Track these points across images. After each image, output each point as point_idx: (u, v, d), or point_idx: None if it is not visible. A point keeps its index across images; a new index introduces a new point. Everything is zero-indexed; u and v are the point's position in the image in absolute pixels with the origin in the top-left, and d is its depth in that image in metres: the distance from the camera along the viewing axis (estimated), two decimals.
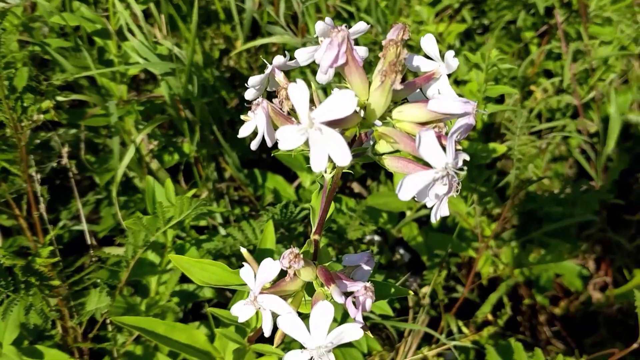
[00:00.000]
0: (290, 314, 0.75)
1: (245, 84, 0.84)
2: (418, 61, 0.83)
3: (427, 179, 0.70)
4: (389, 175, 2.31)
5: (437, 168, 0.69)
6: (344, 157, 0.65)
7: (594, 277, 2.49)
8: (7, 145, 1.54)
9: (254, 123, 0.77)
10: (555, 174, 2.72)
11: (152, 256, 1.67)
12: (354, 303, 0.80)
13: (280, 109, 0.79)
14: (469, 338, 2.00)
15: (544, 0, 2.39)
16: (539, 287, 2.38)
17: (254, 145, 0.76)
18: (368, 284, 0.79)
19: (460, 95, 0.80)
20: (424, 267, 2.17)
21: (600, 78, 2.49)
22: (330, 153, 0.66)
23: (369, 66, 2.47)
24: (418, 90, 0.85)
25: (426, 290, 2.07)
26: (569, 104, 2.53)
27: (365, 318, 1.74)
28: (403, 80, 0.81)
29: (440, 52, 2.21)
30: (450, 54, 0.79)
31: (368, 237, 2.20)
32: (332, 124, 0.68)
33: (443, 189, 0.74)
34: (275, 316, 0.79)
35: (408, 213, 2.12)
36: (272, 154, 0.73)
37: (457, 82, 2.55)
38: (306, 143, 0.68)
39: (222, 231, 1.95)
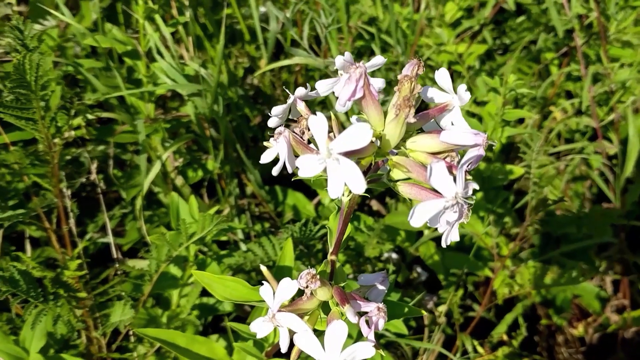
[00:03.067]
0: (307, 332, 0.79)
1: (268, 109, 0.89)
2: (432, 93, 0.87)
3: (438, 207, 0.74)
4: None
5: (448, 197, 0.73)
6: (359, 186, 0.70)
7: (612, 300, 2.49)
8: (39, 161, 1.61)
9: (275, 150, 0.82)
10: (575, 194, 2.73)
11: (174, 270, 1.72)
12: (367, 322, 0.84)
13: (301, 137, 0.83)
14: (484, 358, 2.02)
15: (564, 24, 2.42)
16: (556, 307, 2.39)
17: (275, 171, 0.81)
18: (381, 305, 0.83)
19: (479, 118, 0.84)
20: (441, 286, 2.19)
21: (620, 100, 2.50)
22: (346, 181, 0.71)
23: (389, 86, 2.52)
24: (433, 120, 0.89)
25: (442, 308, 2.09)
26: (588, 125, 2.54)
27: (380, 336, 1.77)
28: (419, 110, 0.85)
29: (460, 73, 2.23)
30: (462, 87, 0.83)
31: (386, 255, 2.23)
32: (348, 154, 0.72)
33: (453, 216, 0.78)
34: (292, 333, 0.83)
35: (426, 232, 2.15)
36: (292, 179, 0.77)
37: (477, 102, 2.58)
38: (325, 169, 0.73)
39: (243, 246, 2.00)
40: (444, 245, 0.82)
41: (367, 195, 0.90)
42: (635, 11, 2.41)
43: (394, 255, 2.26)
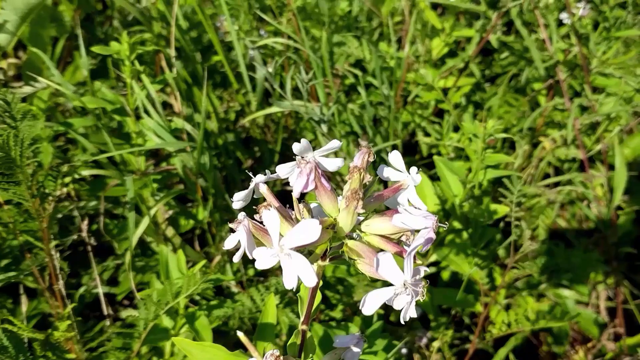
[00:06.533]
0: None
1: (260, 151, 0.93)
2: (388, 172, 0.92)
3: (388, 295, 0.77)
4: None
5: (397, 285, 0.77)
6: (310, 281, 0.74)
7: (608, 327, 2.51)
8: (31, 219, 1.66)
9: (237, 238, 0.86)
10: (572, 216, 2.76)
11: (166, 321, 1.76)
12: None
13: (261, 224, 0.87)
14: None
15: (546, 60, 2.46)
16: (554, 335, 2.40)
17: (236, 258, 0.85)
18: None
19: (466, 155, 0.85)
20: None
21: (607, 129, 2.53)
22: (298, 274, 0.75)
23: (377, 125, 2.56)
24: (392, 197, 0.93)
25: (437, 344, 2.11)
26: (575, 157, 2.58)
27: None
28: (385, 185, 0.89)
29: (447, 111, 2.26)
30: (414, 170, 0.88)
31: None
32: (301, 246, 0.76)
33: (407, 298, 0.81)
34: None
35: None
36: (256, 268, 0.81)
37: (470, 139, 2.61)
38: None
39: (236, 290, 2.04)
40: (402, 322, 0.86)
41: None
42: (618, 41, 2.45)
43: None
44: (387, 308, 2.23)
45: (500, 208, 1.96)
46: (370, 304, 0.77)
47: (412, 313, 0.86)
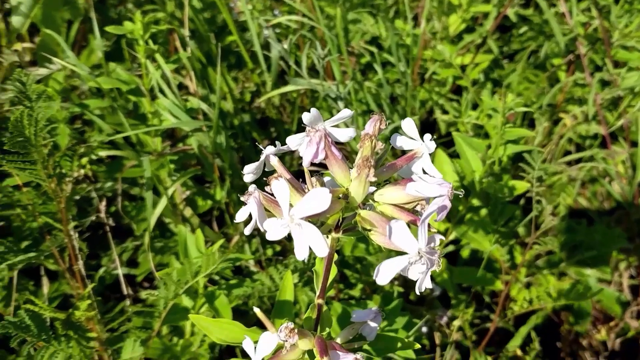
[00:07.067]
0: None
1: (276, 131, 0.92)
2: (401, 141, 0.90)
3: (402, 264, 0.76)
4: None
5: (411, 254, 0.75)
6: (322, 250, 0.72)
7: (631, 305, 2.47)
8: (49, 200, 1.67)
9: (248, 210, 0.85)
10: (593, 195, 2.71)
11: (186, 301, 1.77)
12: None
13: (272, 196, 0.86)
14: None
15: (566, 33, 2.40)
16: (575, 313, 2.37)
17: (247, 231, 0.84)
18: (358, 355, 0.86)
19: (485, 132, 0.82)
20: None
21: (630, 104, 2.47)
22: (310, 245, 0.73)
23: (394, 103, 2.54)
24: (406, 166, 0.91)
25: (457, 323, 2.09)
26: (597, 133, 2.53)
27: (389, 359, 1.78)
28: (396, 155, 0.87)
29: (465, 88, 2.23)
30: (427, 137, 0.86)
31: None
32: (311, 217, 0.75)
33: (422, 267, 0.80)
34: None
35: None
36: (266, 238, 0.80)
37: (489, 115, 2.57)
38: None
39: (255, 269, 2.04)
40: (417, 292, 0.84)
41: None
42: None
43: None
44: (406, 287, 2.22)
45: (520, 184, 1.93)
46: (384, 273, 0.75)
47: (427, 283, 0.84)
